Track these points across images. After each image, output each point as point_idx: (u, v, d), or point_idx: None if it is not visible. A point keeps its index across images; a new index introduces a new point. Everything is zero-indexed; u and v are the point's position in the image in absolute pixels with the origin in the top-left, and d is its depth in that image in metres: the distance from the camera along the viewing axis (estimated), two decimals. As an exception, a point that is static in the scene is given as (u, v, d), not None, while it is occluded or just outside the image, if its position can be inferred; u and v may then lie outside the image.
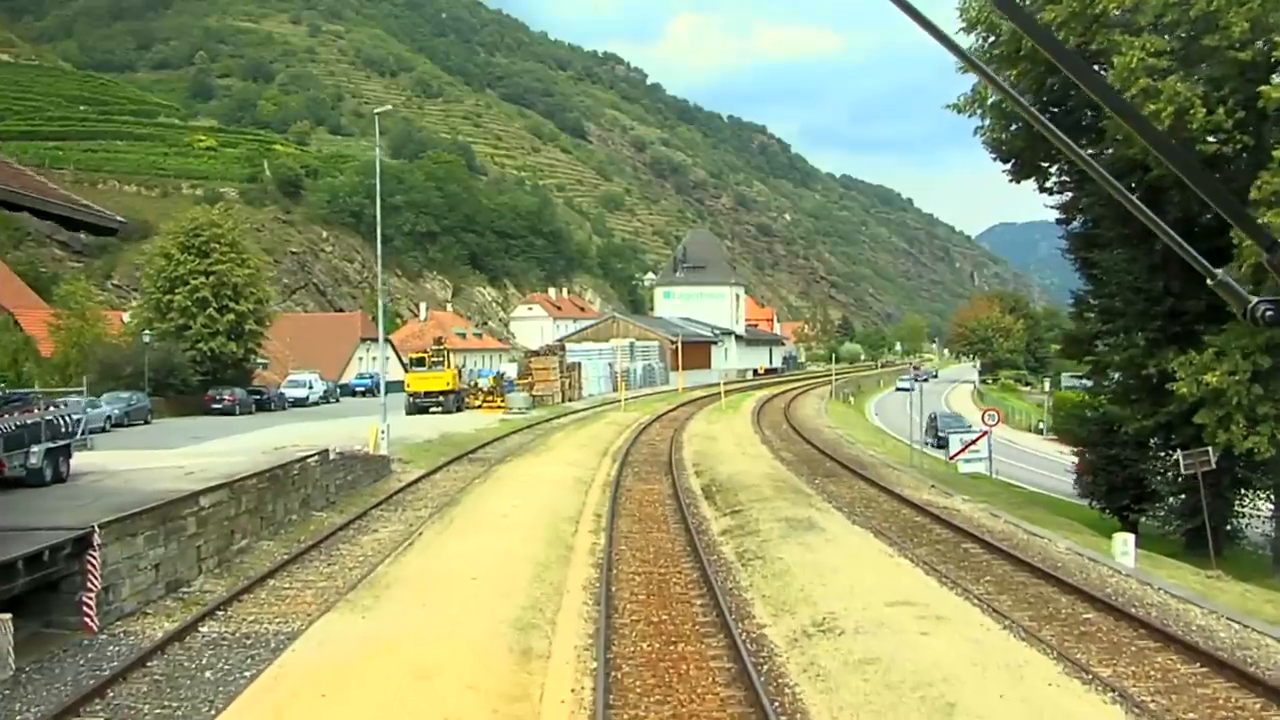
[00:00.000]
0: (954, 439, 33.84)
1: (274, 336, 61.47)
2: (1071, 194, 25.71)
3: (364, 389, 64.87)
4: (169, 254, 48.78)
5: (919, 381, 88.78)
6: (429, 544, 16.26)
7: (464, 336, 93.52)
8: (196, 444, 30.51)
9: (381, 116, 44.66)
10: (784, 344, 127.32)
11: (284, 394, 54.53)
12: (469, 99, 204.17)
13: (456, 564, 14.46)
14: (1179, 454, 19.44)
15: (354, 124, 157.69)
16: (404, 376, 53.58)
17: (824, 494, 22.63)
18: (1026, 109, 1.83)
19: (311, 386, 57.70)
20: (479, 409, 49.79)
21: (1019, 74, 22.97)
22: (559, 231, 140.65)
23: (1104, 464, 25.62)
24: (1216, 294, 1.69)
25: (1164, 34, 19.61)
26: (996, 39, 23.33)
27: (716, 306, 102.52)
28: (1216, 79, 19.18)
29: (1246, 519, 23.20)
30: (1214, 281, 1.69)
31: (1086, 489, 26.55)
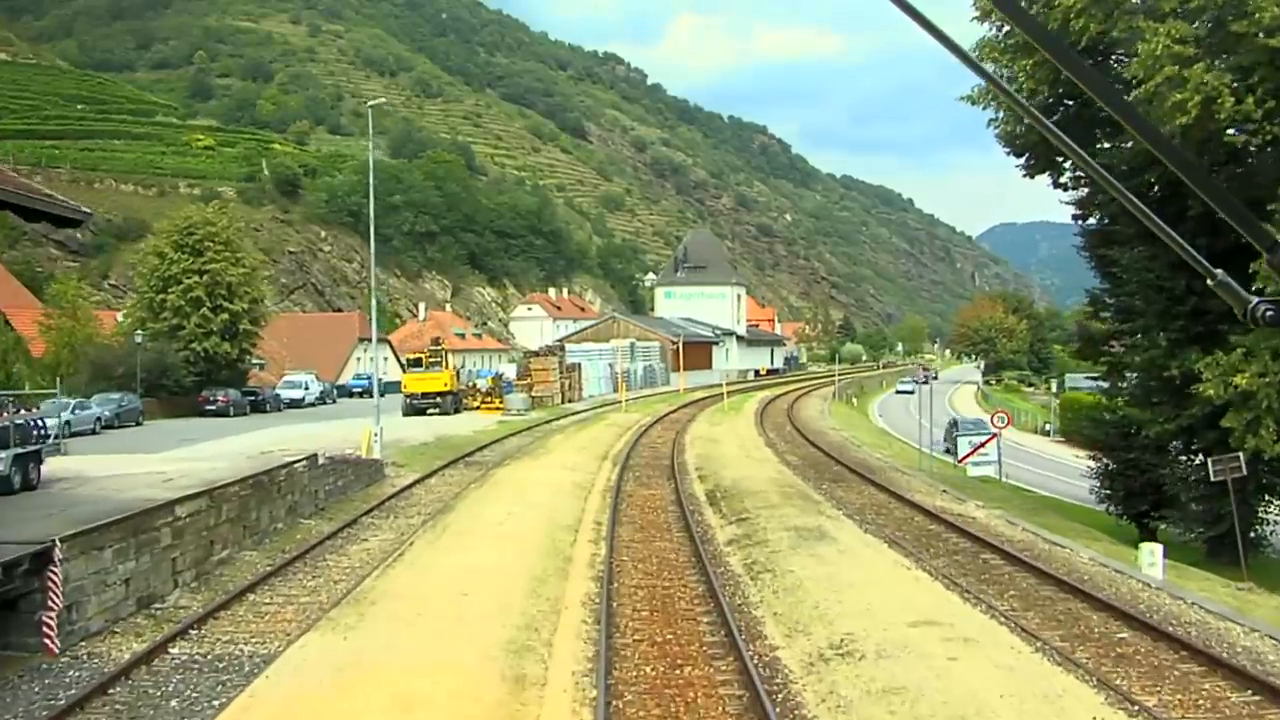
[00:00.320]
0: (963, 441, 33.07)
1: (271, 337, 60.66)
2: (1087, 190, 24.77)
3: (362, 390, 63.92)
4: (162, 253, 48.00)
5: (920, 384, 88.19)
6: (420, 555, 15.43)
7: (463, 337, 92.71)
8: (187, 446, 29.76)
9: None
10: (785, 344, 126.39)
11: (279, 395, 53.72)
12: (469, 99, 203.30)
13: (448, 578, 13.63)
14: (1209, 460, 18.56)
15: (353, 124, 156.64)
16: (401, 377, 52.82)
17: (833, 500, 21.78)
18: (1024, 107, 1.83)
19: (308, 387, 56.91)
20: (477, 410, 49.08)
21: (1034, 64, 22.11)
22: (559, 231, 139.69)
23: (1121, 468, 24.77)
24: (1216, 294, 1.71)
25: (1190, 20, 18.72)
26: (1012, 29, 22.49)
27: (717, 307, 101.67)
28: (1245, 67, 18.30)
29: (1272, 527, 22.34)
30: (1214, 282, 1.70)
31: (1103, 494, 25.68)
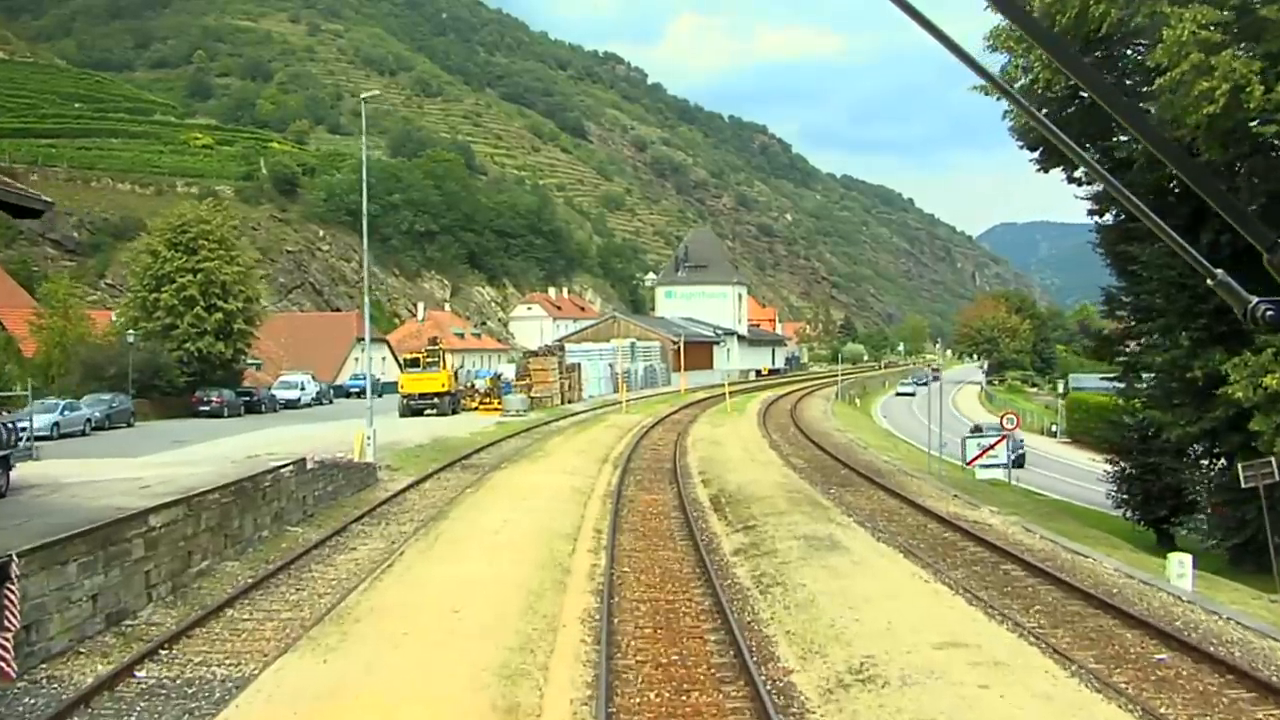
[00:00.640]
0: (971, 444, 32.31)
1: (268, 337, 59.88)
2: (1104, 186, 23.97)
3: (359, 390, 63.09)
4: (155, 251, 47.25)
5: (921, 385, 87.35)
6: (410, 566, 14.62)
7: (462, 336, 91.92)
8: (178, 448, 29.03)
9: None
10: (786, 344, 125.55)
11: (275, 395, 52.94)
12: (469, 98, 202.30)
13: (439, 592, 12.82)
14: (1239, 466, 17.74)
15: (353, 123, 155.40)
16: (398, 377, 52.03)
17: (842, 506, 20.96)
18: (1023, 105, 1.82)
19: (304, 388, 56.11)
20: (476, 411, 48.35)
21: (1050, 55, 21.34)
22: (559, 231, 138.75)
23: (1139, 472, 23.99)
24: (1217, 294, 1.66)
25: (1217, 5, 17.91)
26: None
27: (718, 306, 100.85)
28: (1275, 54, 17.52)
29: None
30: (1214, 282, 1.66)
31: (1119, 499, 24.89)
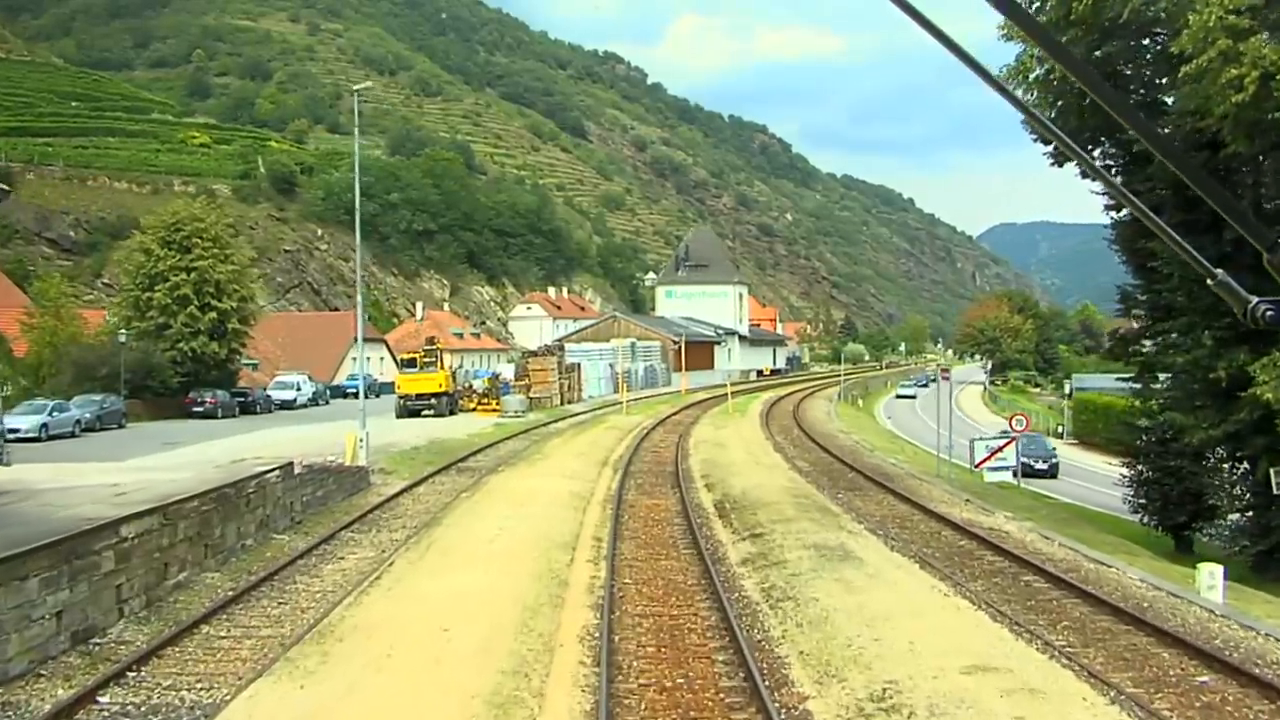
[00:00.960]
0: (979, 445, 31.55)
1: (265, 336, 59.14)
2: (1122, 178, 23.21)
3: (356, 390, 62.31)
4: (148, 249, 46.46)
5: (921, 387, 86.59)
6: (399, 578, 13.84)
7: (461, 336, 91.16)
8: (169, 450, 28.39)
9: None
10: (787, 344, 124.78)
11: (270, 396, 52.18)
12: (468, 98, 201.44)
13: (428, 607, 12.05)
14: (1271, 470, 16.98)
15: (353, 122, 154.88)
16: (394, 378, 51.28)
17: (852, 512, 20.18)
18: (1022, 105, 1.81)
19: (300, 388, 55.32)
20: (474, 412, 47.61)
21: (1068, 42, 20.57)
22: (558, 230, 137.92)
23: (1157, 476, 23.21)
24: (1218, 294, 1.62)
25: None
26: (1043, 3, 20.98)
27: (719, 306, 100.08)
28: (1307, 40, 16.79)
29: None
30: (1214, 282, 1.63)
31: (1136, 503, 24.11)
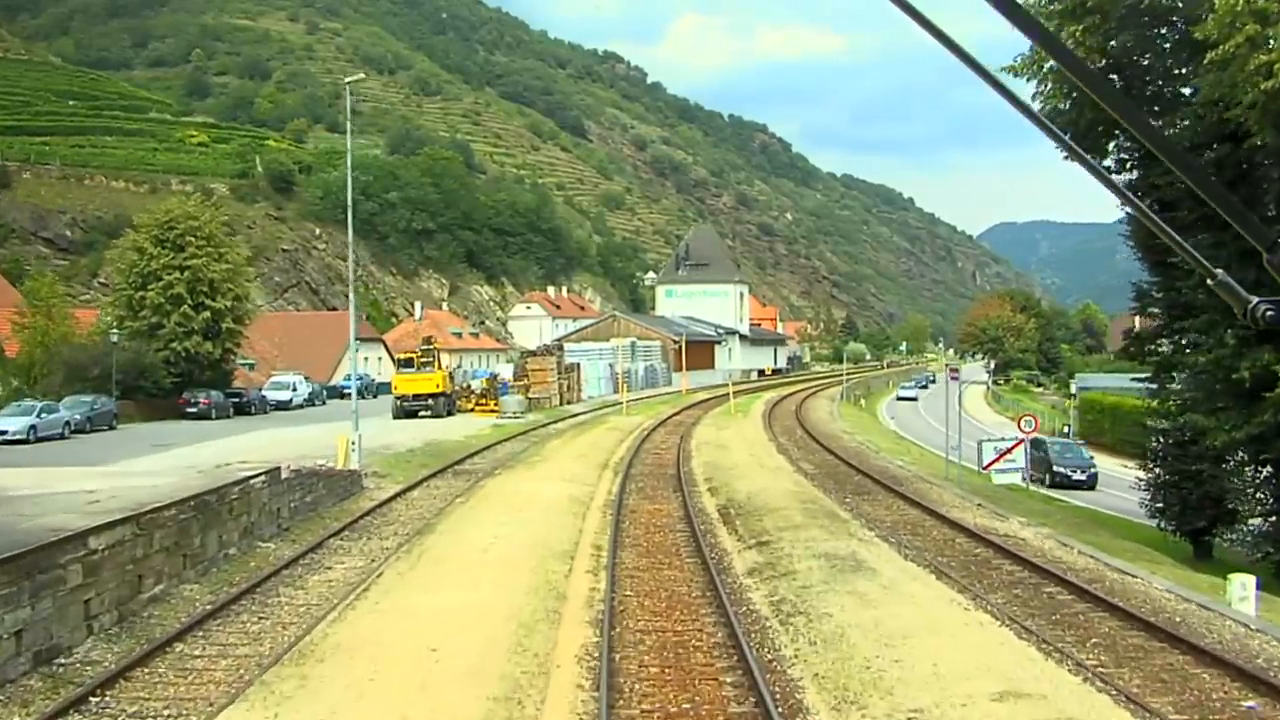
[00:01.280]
0: (987, 447, 30.88)
1: (262, 336, 58.44)
2: (1138, 173, 22.47)
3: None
4: (141, 248, 45.78)
5: (922, 388, 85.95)
6: (388, 590, 13.11)
7: (460, 336, 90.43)
8: (159, 452, 27.78)
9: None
10: (787, 344, 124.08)
11: (265, 396, 51.46)
12: (468, 97, 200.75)
13: (417, 623, 11.32)
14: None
15: (352, 121, 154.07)
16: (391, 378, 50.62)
17: (861, 518, 19.45)
18: (1022, 104, 1.77)
19: (295, 389, 54.63)
20: (471, 413, 46.93)
21: (1083, 31, 19.87)
22: (558, 229, 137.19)
23: (1175, 480, 22.50)
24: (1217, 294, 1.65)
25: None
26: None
27: (720, 305, 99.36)
28: (1339, 25, 16.06)
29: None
30: (1214, 281, 1.63)
31: (1154, 508, 23.39)
